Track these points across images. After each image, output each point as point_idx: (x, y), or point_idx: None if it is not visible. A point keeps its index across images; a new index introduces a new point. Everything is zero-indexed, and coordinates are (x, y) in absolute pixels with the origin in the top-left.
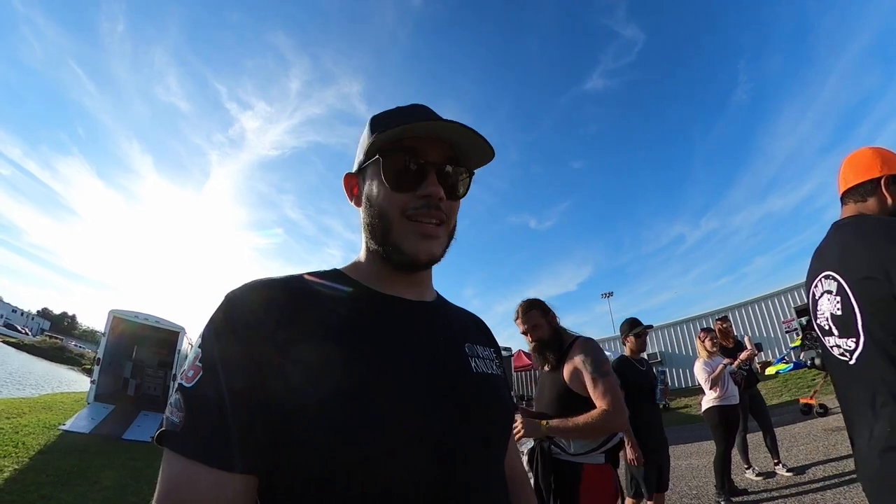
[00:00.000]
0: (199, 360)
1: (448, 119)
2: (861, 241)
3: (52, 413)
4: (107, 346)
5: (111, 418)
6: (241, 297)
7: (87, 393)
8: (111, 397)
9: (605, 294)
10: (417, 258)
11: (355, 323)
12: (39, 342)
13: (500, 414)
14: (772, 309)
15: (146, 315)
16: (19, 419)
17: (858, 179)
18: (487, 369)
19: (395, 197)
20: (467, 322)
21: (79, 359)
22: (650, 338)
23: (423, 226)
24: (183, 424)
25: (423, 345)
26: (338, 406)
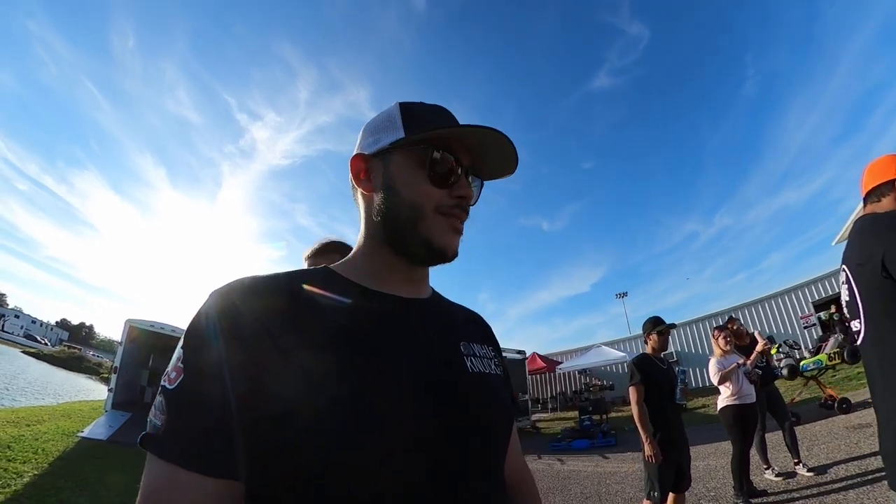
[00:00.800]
0: (181, 361)
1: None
2: (858, 235)
3: (70, 421)
4: (123, 355)
5: (128, 426)
6: (226, 296)
7: (105, 401)
8: (128, 405)
9: (619, 294)
10: (446, 253)
11: (344, 323)
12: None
13: (498, 415)
14: (789, 304)
15: (162, 324)
16: (39, 426)
17: (875, 182)
18: (485, 368)
19: (432, 191)
20: (464, 319)
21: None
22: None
23: (456, 222)
24: (164, 427)
25: (416, 345)
26: (326, 410)
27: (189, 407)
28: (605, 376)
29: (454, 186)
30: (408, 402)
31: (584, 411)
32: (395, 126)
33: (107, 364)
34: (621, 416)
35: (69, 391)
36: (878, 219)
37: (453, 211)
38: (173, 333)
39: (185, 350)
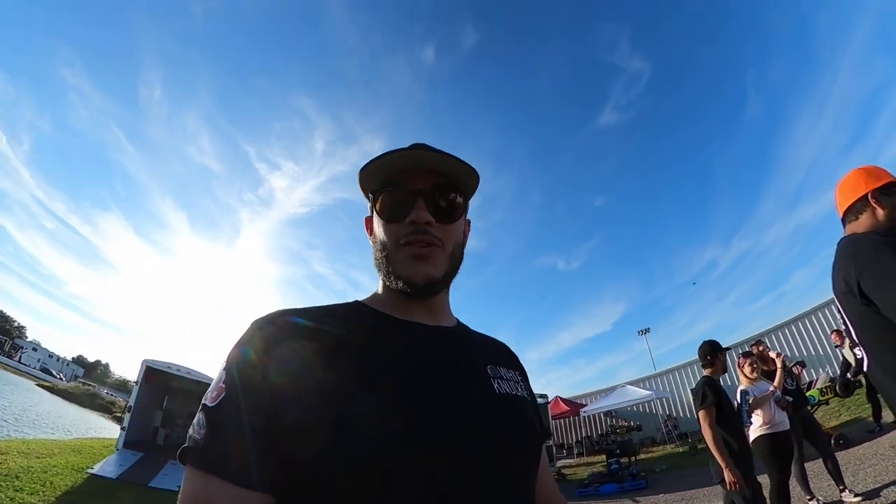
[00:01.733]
0: (223, 381)
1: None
2: (838, 261)
3: (80, 456)
4: (138, 395)
5: (139, 465)
6: (266, 323)
7: (117, 439)
8: (140, 445)
9: (641, 331)
10: (413, 280)
11: (375, 348)
12: (73, 388)
13: (526, 436)
14: (816, 324)
15: (178, 366)
16: (49, 459)
17: (849, 201)
18: (511, 391)
19: (389, 228)
20: (490, 345)
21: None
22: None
23: (413, 248)
24: (204, 441)
25: (444, 367)
26: (357, 431)
27: (228, 423)
28: (631, 417)
29: (408, 215)
30: (439, 423)
31: (611, 454)
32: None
33: (120, 403)
34: (650, 458)
35: (81, 427)
36: (853, 241)
37: (410, 238)
38: (188, 376)
39: (226, 371)
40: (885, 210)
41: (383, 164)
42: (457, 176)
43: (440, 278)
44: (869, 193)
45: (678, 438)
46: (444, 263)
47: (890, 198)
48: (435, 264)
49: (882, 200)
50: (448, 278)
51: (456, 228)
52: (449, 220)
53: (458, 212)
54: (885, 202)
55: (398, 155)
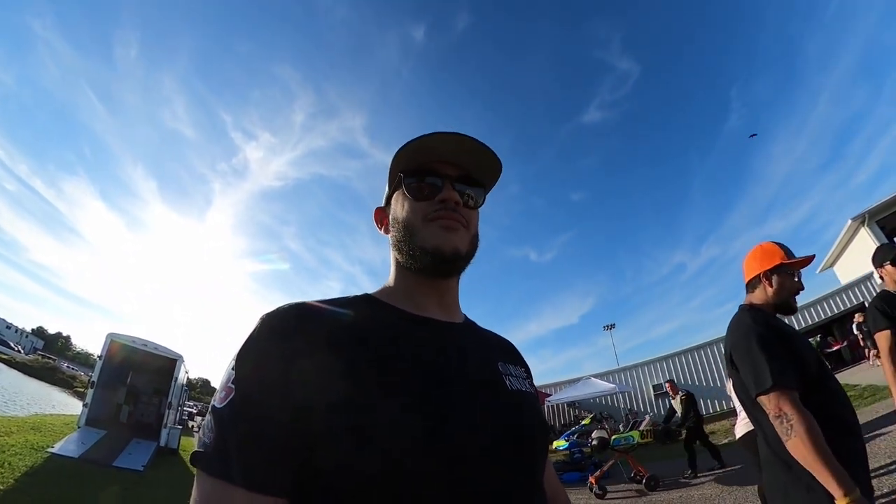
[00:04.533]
0: (232, 381)
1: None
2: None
3: (40, 434)
4: (102, 370)
5: (102, 444)
6: (275, 319)
7: (79, 416)
8: (103, 422)
9: (607, 326)
10: (442, 250)
11: (389, 346)
12: (31, 361)
13: (540, 430)
14: None
15: (144, 341)
16: (6, 438)
17: (748, 276)
18: (522, 387)
19: (417, 206)
20: (497, 342)
21: (70, 381)
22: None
23: (444, 220)
24: (213, 445)
25: (461, 369)
26: (375, 431)
27: (237, 424)
28: (594, 408)
29: (437, 195)
30: (456, 421)
31: (574, 444)
32: (389, 174)
33: (82, 377)
34: None
35: (40, 403)
36: (740, 318)
37: (439, 213)
38: (155, 351)
39: (235, 370)
40: (772, 288)
41: (414, 148)
42: (482, 168)
43: (465, 254)
44: (762, 273)
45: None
46: (468, 242)
47: (778, 277)
48: (461, 239)
49: (771, 280)
50: (469, 258)
51: (476, 216)
52: (472, 206)
53: (480, 202)
54: (774, 282)
55: (432, 139)
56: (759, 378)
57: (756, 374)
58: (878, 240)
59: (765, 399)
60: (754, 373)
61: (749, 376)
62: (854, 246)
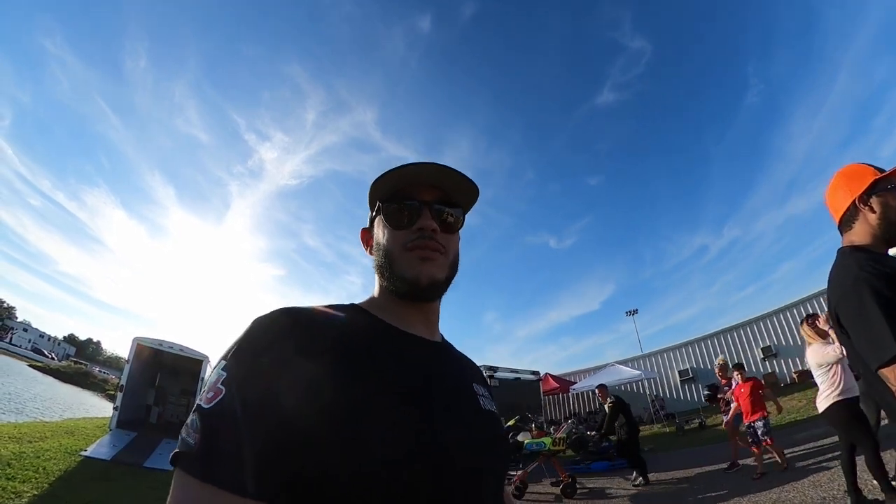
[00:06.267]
0: (222, 382)
1: (430, 161)
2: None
3: (73, 438)
4: (130, 373)
5: (133, 445)
6: (267, 323)
7: (110, 419)
8: (133, 424)
9: (629, 312)
10: (419, 280)
11: (379, 358)
12: (64, 367)
13: (506, 449)
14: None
15: (170, 343)
16: (41, 443)
17: (839, 212)
18: (491, 408)
19: (395, 234)
20: (469, 364)
21: (102, 384)
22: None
23: (421, 251)
24: (198, 446)
25: (442, 382)
26: (363, 440)
27: (224, 427)
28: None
29: (415, 223)
30: (442, 435)
31: None
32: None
33: (112, 381)
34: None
35: (73, 407)
36: (843, 263)
37: (416, 243)
38: (181, 353)
39: (225, 371)
40: (875, 214)
41: (393, 177)
42: (459, 191)
43: (442, 281)
44: (856, 200)
45: (665, 419)
46: (446, 268)
47: (879, 197)
48: (439, 267)
49: (870, 204)
50: (447, 284)
51: (456, 239)
52: (451, 231)
53: (458, 224)
54: (875, 205)
55: (409, 169)
56: (879, 347)
57: (874, 342)
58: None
59: (888, 373)
60: (871, 340)
61: (865, 345)
62: None
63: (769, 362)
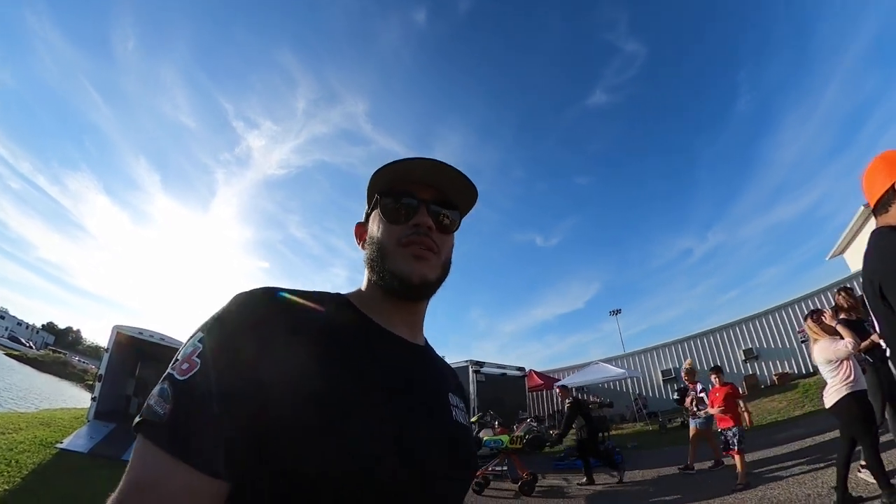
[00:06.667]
0: (198, 354)
1: (432, 158)
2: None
3: (49, 430)
4: (109, 363)
5: (111, 437)
6: (249, 300)
7: (88, 410)
8: (112, 416)
9: (613, 311)
10: (410, 278)
11: (360, 352)
12: (43, 356)
13: (469, 466)
14: (785, 319)
15: (151, 332)
16: (15, 435)
17: (878, 194)
18: (462, 420)
19: (391, 228)
20: (448, 372)
21: (81, 374)
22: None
23: (415, 248)
24: (168, 417)
25: (421, 391)
26: (337, 432)
27: (196, 401)
28: (602, 393)
29: (412, 220)
30: (412, 439)
31: None
32: (367, 193)
33: (92, 370)
34: (621, 434)
35: (51, 397)
36: (883, 235)
37: (411, 238)
38: (162, 342)
39: (203, 344)
40: None
41: (393, 171)
42: (458, 193)
43: (433, 281)
44: (894, 184)
45: (648, 417)
46: (438, 269)
47: None
48: (431, 267)
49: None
50: (437, 284)
51: (450, 241)
52: (446, 231)
53: (455, 225)
54: None
55: (408, 164)
56: None
57: None
58: None
59: None
60: None
61: None
62: (866, 233)
63: (751, 364)
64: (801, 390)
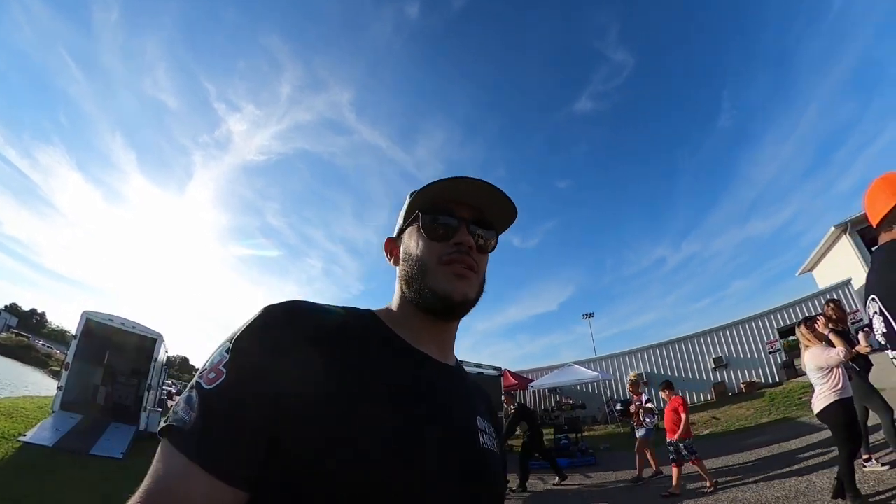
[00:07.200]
0: (224, 364)
1: (477, 178)
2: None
3: (11, 421)
4: (77, 350)
5: (78, 430)
6: (280, 313)
7: (53, 399)
8: (79, 406)
9: (586, 315)
10: (452, 297)
11: (387, 372)
12: (5, 339)
13: (495, 493)
14: (754, 330)
15: (122, 319)
16: None
17: (882, 213)
18: (491, 446)
19: (432, 246)
20: (478, 393)
21: (46, 360)
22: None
23: (457, 267)
24: (193, 424)
25: (444, 410)
26: (358, 449)
27: (223, 410)
28: (575, 395)
29: (453, 238)
30: (429, 463)
31: (559, 429)
32: (406, 209)
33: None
34: (594, 436)
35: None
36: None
37: (453, 257)
38: (134, 330)
39: (230, 354)
40: None
41: (435, 189)
42: (499, 212)
43: (473, 300)
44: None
45: (619, 420)
46: (476, 288)
47: None
48: (471, 286)
49: None
50: (474, 304)
51: (486, 260)
52: (484, 251)
53: (491, 246)
54: None
55: (452, 183)
56: None
57: None
58: (858, 248)
59: None
60: None
61: None
62: (834, 252)
63: (720, 372)
64: (768, 399)
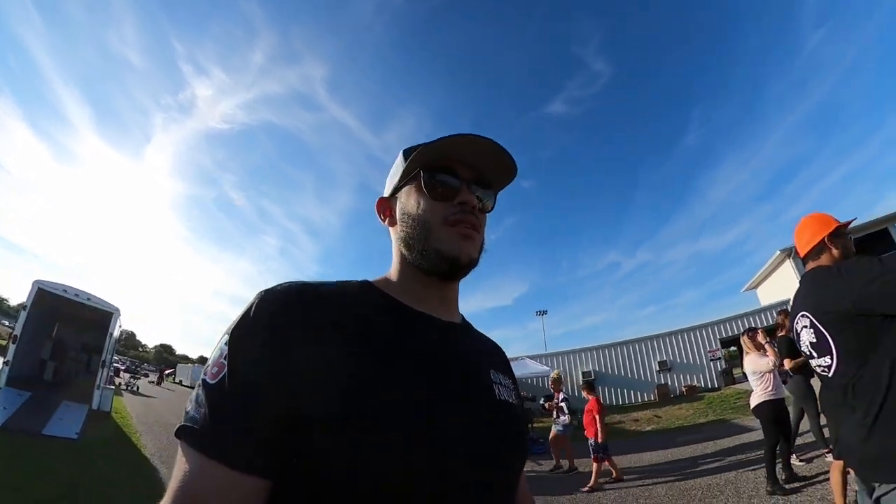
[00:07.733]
0: (225, 357)
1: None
2: (815, 286)
3: None
4: (27, 322)
5: (28, 408)
6: (275, 298)
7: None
8: (27, 382)
9: (539, 312)
10: (459, 258)
11: (390, 340)
12: None
13: (520, 444)
14: (699, 338)
15: (76, 290)
16: None
17: (810, 245)
18: (509, 398)
19: (435, 205)
20: (490, 348)
21: None
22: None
23: (462, 227)
24: (203, 421)
25: (454, 367)
26: (365, 422)
27: (229, 403)
28: (526, 388)
29: (455, 197)
30: (449, 423)
31: None
32: (399, 168)
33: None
34: (544, 427)
35: None
36: (831, 269)
37: (458, 217)
38: (88, 302)
39: (229, 346)
40: (838, 250)
41: (440, 147)
42: (498, 172)
43: (477, 260)
44: (825, 238)
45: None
46: (479, 248)
47: (839, 239)
48: (475, 247)
49: (835, 243)
50: (476, 264)
51: (486, 220)
52: (484, 211)
53: (490, 206)
54: (838, 243)
55: (454, 140)
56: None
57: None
58: (799, 272)
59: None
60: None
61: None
62: (778, 273)
63: (663, 375)
64: (706, 402)
